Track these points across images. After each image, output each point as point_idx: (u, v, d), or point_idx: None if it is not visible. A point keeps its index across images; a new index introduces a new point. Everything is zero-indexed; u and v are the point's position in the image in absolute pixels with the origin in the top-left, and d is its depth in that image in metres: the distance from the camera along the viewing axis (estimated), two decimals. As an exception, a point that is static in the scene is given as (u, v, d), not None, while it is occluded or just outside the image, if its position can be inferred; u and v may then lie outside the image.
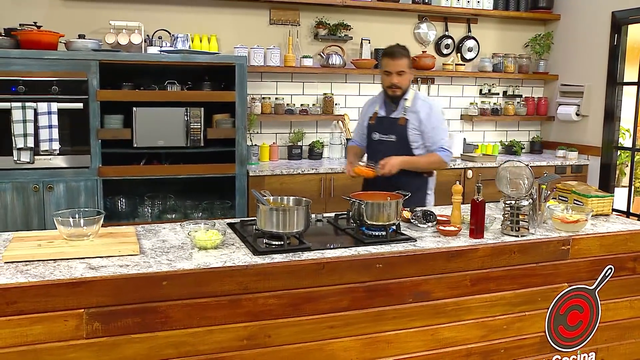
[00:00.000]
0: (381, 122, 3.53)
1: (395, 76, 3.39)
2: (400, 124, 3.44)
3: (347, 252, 2.30)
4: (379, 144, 3.50)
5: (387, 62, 3.42)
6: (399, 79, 3.39)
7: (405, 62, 3.41)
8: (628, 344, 2.83)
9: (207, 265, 2.11)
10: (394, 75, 3.39)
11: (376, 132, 3.53)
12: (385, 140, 3.49)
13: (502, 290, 2.53)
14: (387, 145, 3.46)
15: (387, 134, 3.49)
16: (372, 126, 3.56)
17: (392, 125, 3.47)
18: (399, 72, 3.39)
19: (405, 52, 3.45)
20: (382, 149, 3.46)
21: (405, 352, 2.40)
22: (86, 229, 2.29)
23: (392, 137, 3.46)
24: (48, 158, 3.93)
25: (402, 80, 3.41)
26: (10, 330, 1.88)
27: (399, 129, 3.44)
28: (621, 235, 2.73)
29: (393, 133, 3.46)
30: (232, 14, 4.96)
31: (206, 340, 2.10)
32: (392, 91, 3.44)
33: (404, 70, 3.40)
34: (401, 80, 3.40)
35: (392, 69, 3.40)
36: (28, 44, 3.97)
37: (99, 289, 1.96)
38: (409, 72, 3.45)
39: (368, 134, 3.59)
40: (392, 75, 3.40)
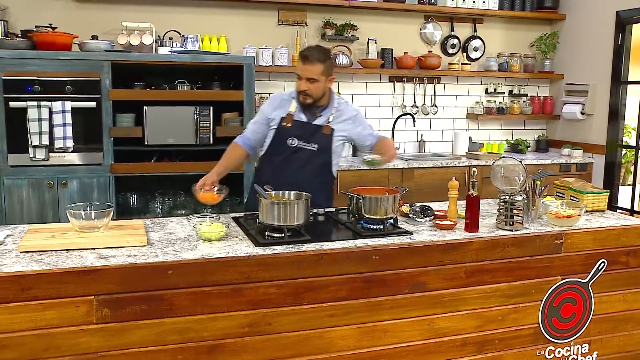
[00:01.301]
0: (301, 128, 3.13)
1: (304, 82, 3.02)
2: (325, 133, 3.13)
3: (345, 244, 2.40)
4: (297, 152, 3.12)
5: (299, 65, 3.04)
6: (308, 85, 3.02)
7: (319, 68, 3.00)
8: (621, 336, 2.90)
9: (211, 256, 2.22)
10: (303, 81, 3.03)
11: (294, 138, 3.11)
12: (305, 148, 3.12)
13: (496, 282, 2.61)
14: (306, 154, 3.12)
15: (308, 142, 3.12)
16: (288, 130, 3.12)
17: (315, 133, 3.13)
18: (310, 79, 3.01)
19: (322, 57, 3.03)
20: (299, 157, 3.12)
21: (402, 341, 2.49)
22: (97, 221, 2.41)
23: (314, 146, 3.12)
24: (62, 155, 4.07)
25: (313, 88, 3.03)
26: (25, 314, 2.00)
27: (323, 138, 3.13)
28: (614, 230, 2.80)
29: (316, 142, 3.12)
30: (241, 15, 5.07)
31: (209, 327, 2.20)
32: (303, 98, 3.07)
33: (314, 78, 3.01)
34: (311, 88, 3.02)
35: (302, 74, 3.03)
36: (43, 45, 4.11)
37: (108, 277, 2.07)
38: (324, 80, 3.05)
39: (279, 137, 3.15)
40: (302, 82, 3.03)
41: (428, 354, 2.55)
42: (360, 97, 5.50)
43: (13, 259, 2.14)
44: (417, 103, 5.67)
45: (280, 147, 3.14)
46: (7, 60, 3.91)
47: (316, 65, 3.00)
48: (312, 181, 3.00)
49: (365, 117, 5.42)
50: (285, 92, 3.31)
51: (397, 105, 5.63)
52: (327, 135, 3.15)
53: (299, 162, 3.11)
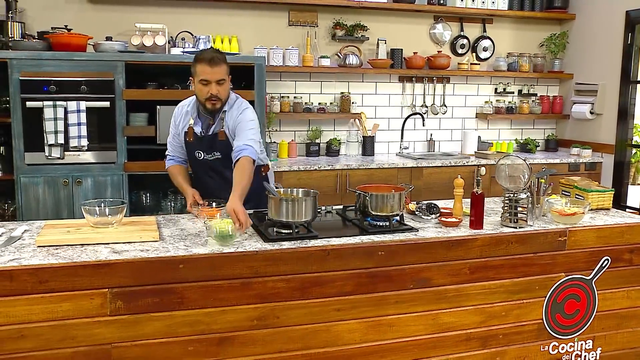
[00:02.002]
0: (200, 141, 3.08)
1: (214, 86, 2.92)
2: (221, 139, 3.04)
3: (351, 240, 2.46)
4: (206, 163, 3.12)
5: (204, 69, 2.90)
6: (218, 88, 2.93)
7: (224, 68, 2.95)
8: (625, 332, 2.94)
9: (221, 251, 2.29)
10: (213, 85, 2.92)
11: (199, 151, 3.10)
12: (210, 159, 3.10)
13: (500, 278, 2.66)
14: (214, 164, 3.10)
15: (210, 152, 3.08)
16: (192, 144, 3.11)
17: (213, 142, 3.06)
18: (219, 81, 2.93)
19: (223, 57, 2.97)
20: (210, 167, 3.12)
21: (406, 335, 2.55)
22: (111, 217, 2.50)
23: (217, 155, 3.07)
24: (77, 154, 4.16)
25: (222, 90, 2.96)
26: (42, 306, 2.08)
27: (221, 144, 3.04)
28: (618, 228, 2.84)
29: (217, 150, 3.07)
30: (252, 15, 5.15)
31: (219, 320, 2.27)
32: (212, 104, 2.97)
33: (224, 79, 2.95)
34: (221, 91, 2.95)
35: (211, 78, 2.90)
36: (59, 46, 4.20)
37: (122, 270, 2.15)
38: (228, 80, 3.00)
39: (189, 152, 3.15)
40: (211, 85, 2.92)
41: (433, 348, 2.61)
42: (370, 97, 5.55)
43: (30, 252, 2.23)
44: (427, 103, 5.72)
45: (193, 161, 3.17)
46: (24, 61, 4.01)
47: (222, 65, 2.94)
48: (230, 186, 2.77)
49: (375, 117, 5.53)
50: (184, 102, 3.21)
51: (407, 105, 5.68)
52: (223, 141, 3.04)
53: (212, 172, 3.12)
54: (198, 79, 2.93)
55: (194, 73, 2.96)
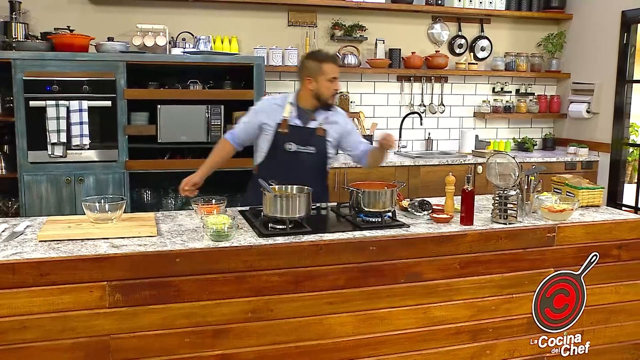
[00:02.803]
0: (297, 132, 3.23)
1: (337, 82, 3.24)
2: (319, 135, 3.25)
3: (343, 236, 2.53)
4: (295, 155, 3.23)
5: (333, 68, 3.20)
6: (338, 84, 3.26)
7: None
8: (613, 327, 2.99)
9: (216, 245, 2.36)
10: (337, 82, 3.24)
11: (292, 143, 3.22)
12: (303, 151, 3.24)
13: (490, 273, 2.72)
14: (305, 157, 3.24)
15: (305, 145, 3.23)
16: (284, 136, 3.22)
17: (310, 137, 3.24)
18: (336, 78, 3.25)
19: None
20: (298, 161, 3.23)
21: (398, 329, 2.61)
22: (110, 213, 2.57)
23: (311, 149, 3.24)
24: (79, 152, 4.24)
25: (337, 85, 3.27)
26: (43, 298, 2.16)
27: (318, 140, 3.25)
28: (606, 224, 2.90)
29: (312, 144, 3.24)
30: (252, 16, 5.22)
31: (214, 312, 2.34)
32: (333, 99, 3.28)
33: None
34: (338, 86, 3.27)
35: (337, 75, 3.22)
36: (62, 46, 4.28)
37: (120, 264, 2.22)
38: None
39: (277, 143, 3.24)
40: (336, 82, 3.23)
41: (424, 341, 2.67)
42: (369, 97, 5.62)
43: (32, 247, 2.30)
44: (425, 102, 5.78)
45: (278, 152, 3.24)
46: (27, 61, 4.09)
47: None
48: (312, 182, 2.98)
49: (374, 116, 5.60)
50: (276, 97, 3.40)
51: (405, 105, 5.75)
52: (321, 137, 3.26)
53: (298, 165, 3.21)
54: (327, 77, 3.17)
55: (318, 72, 3.18)
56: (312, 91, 3.22)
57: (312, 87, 3.21)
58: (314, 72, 3.19)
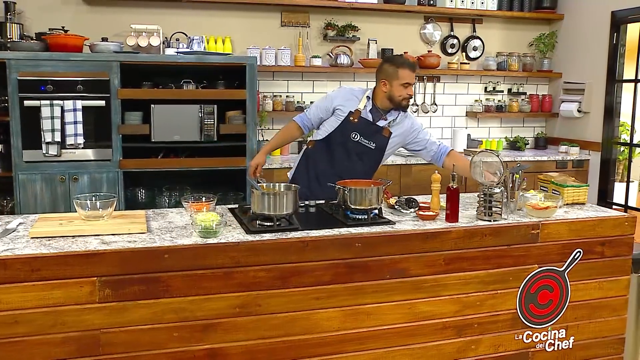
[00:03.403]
0: (365, 125, 3.41)
1: (411, 88, 3.39)
2: (385, 135, 3.42)
3: (329, 232, 2.58)
4: (356, 146, 3.41)
5: (409, 74, 3.35)
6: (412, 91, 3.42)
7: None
8: (597, 322, 3.04)
9: (204, 242, 2.41)
10: (411, 88, 3.39)
11: (357, 133, 3.40)
12: (364, 144, 3.41)
13: (475, 269, 2.76)
14: (362, 150, 3.41)
15: (368, 139, 3.41)
16: (353, 124, 3.40)
17: (376, 133, 3.41)
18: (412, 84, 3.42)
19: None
20: (357, 151, 3.41)
21: (384, 324, 2.66)
22: (101, 210, 2.61)
23: (372, 145, 3.41)
24: (73, 151, 4.29)
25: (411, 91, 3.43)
26: (35, 293, 2.20)
27: (381, 139, 3.41)
28: (590, 222, 2.95)
29: (374, 141, 3.41)
30: (245, 17, 5.27)
31: (203, 307, 2.39)
32: (406, 103, 3.43)
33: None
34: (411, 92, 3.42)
35: (412, 81, 3.37)
36: (56, 46, 4.33)
37: (110, 260, 2.27)
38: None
39: (343, 129, 3.41)
40: (410, 88, 3.38)
41: (410, 336, 2.72)
42: (362, 96, 5.66)
43: (24, 243, 2.35)
44: (417, 101, 5.84)
45: (342, 137, 3.41)
46: (22, 61, 4.14)
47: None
48: (363, 175, 3.24)
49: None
50: (358, 88, 3.58)
51: (398, 104, 5.79)
52: (385, 137, 3.42)
53: (355, 155, 3.40)
54: (400, 82, 3.32)
55: (393, 76, 3.33)
56: (386, 93, 3.37)
57: (386, 90, 3.37)
58: (389, 76, 3.35)
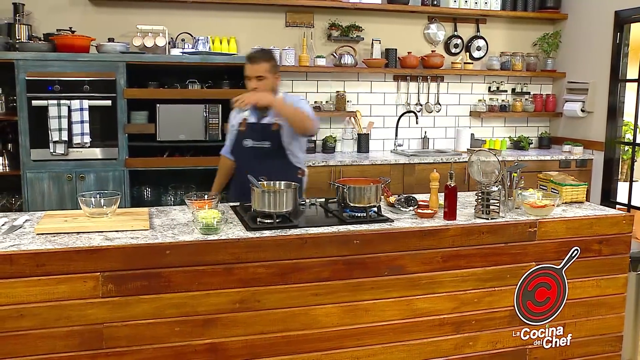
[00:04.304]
0: (252, 129, 3.42)
1: (254, 81, 3.29)
2: (274, 130, 3.37)
3: (328, 230, 2.63)
4: (252, 151, 3.41)
5: (247, 67, 3.31)
6: (258, 84, 3.29)
7: (264, 66, 3.30)
8: (595, 319, 3.07)
9: (205, 238, 2.47)
10: (254, 80, 3.30)
11: (248, 139, 3.42)
12: (258, 146, 3.40)
13: (472, 267, 2.80)
14: (261, 152, 3.38)
15: (260, 140, 3.39)
16: (243, 133, 3.44)
17: (264, 132, 3.39)
18: (259, 77, 3.29)
19: (265, 56, 3.35)
20: (256, 156, 3.39)
21: (382, 320, 2.70)
22: (105, 208, 2.68)
23: (266, 144, 3.38)
24: (80, 150, 4.36)
25: (263, 85, 3.30)
26: (40, 288, 2.26)
27: (273, 134, 3.36)
28: (587, 220, 2.98)
29: (267, 139, 3.38)
30: (250, 17, 5.32)
31: (204, 303, 2.44)
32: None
33: (263, 76, 3.29)
34: (261, 85, 3.29)
35: (251, 74, 3.30)
36: (63, 47, 4.40)
37: (113, 256, 2.33)
38: (271, 77, 3.34)
39: (238, 141, 3.47)
40: (252, 81, 3.30)
41: (408, 332, 2.76)
42: (366, 96, 5.71)
43: (30, 239, 2.41)
44: (421, 101, 5.87)
45: (239, 149, 3.47)
46: (30, 62, 4.21)
47: (262, 64, 3.30)
48: (275, 175, 3.07)
49: (370, 115, 5.69)
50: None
51: (402, 104, 5.84)
52: (275, 131, 3.37)
53: (256, 160, 3.36)
54: (246, 76, 3.33)
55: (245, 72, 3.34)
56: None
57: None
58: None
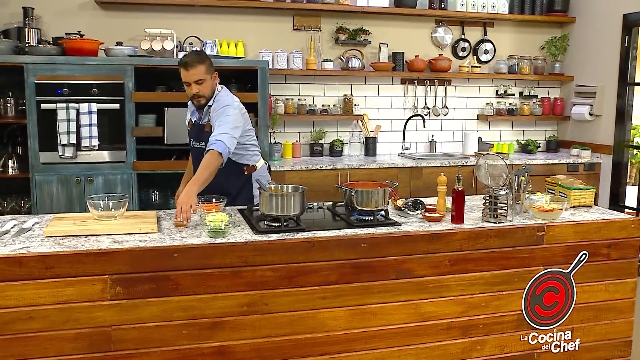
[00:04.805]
0: (193, 129, 3.45)
1: (194, 86, 3.23)
2: (207, 130, 3.31)
3: (335, 233, 2.63)
4: (195, 151, 3.41)
5: (183, 73, 3.24)
6: (199, 87, 3.24)
7: (201, 69, 3.21)
8: (603, 324, 3.05)
9: (213, 241, 2.47)
10: (193, 86, 3.23)
11: (192, 139, 3.46)
12: (197, 147, 3.39)
13: (480, 270, 2.80)
14: (200, 152, 3.24)
15: (198, 141, 3.40)
16: (189, 133, 3.49)
17: (201, 132, 3.37)
18: (198, 81, 3.22)
19: (199, 58, 3.25)
20: (198, 156, 3.29)
21: (389, 323, 2.70)
22: (114, 211, 2.69)
23: (202, 144, 3.31)
24: (88, 153, 4.38)
25: (203, 88, 3.25)
26: (48, 290, 2.28)
27: (206, 135, 3.26)
28: (595, 224, 2.97)
29: (202, 140, 3.32)
30: (257, 21, 5.33)
31: (211, 306, 2.45)
32: (197, 101, 3.30)
33: (201, 79, 3.22)
34: (202, 89, 3.24)
35: (190, 80, 3.22)
36: (72, 51, 4.42)
37: (121, 258, 2.34)
38: (209, 78, 3.26)
39: (189, 140, 3.51)
40: (192, 86, 3.24)
41: (415, 336, 2.76)
42: (373, 99, 5.71)
43: (39, 242, 2.43)
44: (429, 104, 5.87)
45: (190, 148, 3.55)
46: (39, 65, 4.24)
47: (198, 67, 3.21)
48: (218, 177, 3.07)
49: (378, 119, 5.68)
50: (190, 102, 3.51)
51: (409, 107, 5.83)
52: (208, 132, 3.27)
53: (197, 160, 3.25)
54: (184, 82, 3.28)
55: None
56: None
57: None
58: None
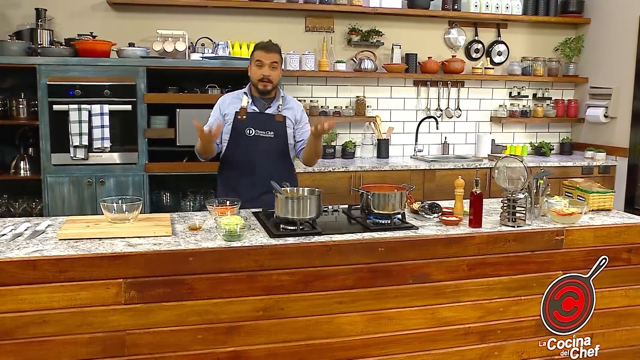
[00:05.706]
0: (255, 118, 3.39)
1: (267, 68, 3.28)
2: (279, 121, 3.38)
3: (352, 237, 2.59)
4: (255, 140, 3.37)
5: (260, 54, 3.30)
6: (271, 71, 3.29)
7: (278, 56, 3.33)
8: (623, 330, 3.00)
9: (228, 245, 2.44)
10: (267, 67, 3.28)
11: (251, 128, 3.37)
12: (262, 136, 3.37)
13: (498, 275, 2.76)
14: (264, 142, 3.36)
15: (264, 130, 3.37)
16: (243, 122, 3.38)
17: (269, 122, 3.38)
18: (272, 65, 3.29)
19: (277, 47, 3.37)
20: (258, 145, 3.36)
21: (406, 329, 2.66)
22: (127, 213, 2.66)
23: (270, 134, 3.37)
24: (100, 155, 4.36)
25: (275, 73, 3.32)
26: (62, 294, 2.25)
27: (278, 125, 3.38)
28: (615, 228, 2.92)
29: (271, 129, 3.37)
30: (270, 22, 5.30)
31: (226, 310, 2.42)
32: (264, 84, 3.32)
33: (277, 62, 3.31)
34: (273, 74, 3.30)
35: (266, 60, 3.28)
36: (84, 52, 4.41)
37: (135, 262, 2.31)
38: (280, 67, 3.36)
39: (237, 130, 3.38)
40: (265, 67, 3.28)
41: (432, 341, 2.71)
42: (385, 101, 5.67)
43: (52, 245, 2.40)
44: (441, 106, 5.82)
45: (239, 139, 3.38)
46: (51, 66, 4.22)
47: (276, 53, 3.32)
48: (273, 167, 3.21)
49: (390, 121, 5.65)
50: (233, 92, 3.56)
51: (422, 109, 5.79)
52: (280, 122, 3.39)
53: (258, 150, 3.35)
54: (254, 61, 3.33)
55: (251, 59, 3.37)
56: (251, 79, 3.40)
57: (250, 75, 3.40)
58: (250, 60, 3.41)
